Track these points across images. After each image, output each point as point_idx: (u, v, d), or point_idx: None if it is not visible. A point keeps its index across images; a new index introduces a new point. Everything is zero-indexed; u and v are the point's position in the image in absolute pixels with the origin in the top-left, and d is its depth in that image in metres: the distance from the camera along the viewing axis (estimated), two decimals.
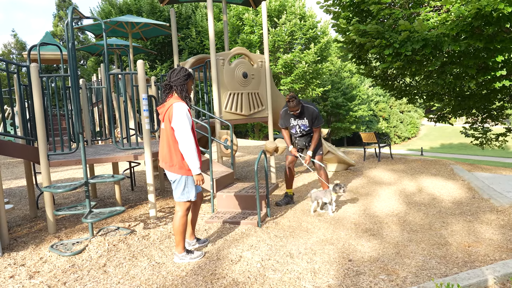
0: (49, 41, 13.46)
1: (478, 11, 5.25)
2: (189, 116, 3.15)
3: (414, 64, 6.74)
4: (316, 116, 4.90)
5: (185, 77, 3.23)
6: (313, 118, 4.91)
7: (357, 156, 9.54)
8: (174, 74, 3.22)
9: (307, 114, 4.92)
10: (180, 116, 3.08)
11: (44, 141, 4.11)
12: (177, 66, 3.41)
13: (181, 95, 3.20)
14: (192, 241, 3.63)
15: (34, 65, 4.02)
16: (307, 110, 4.91)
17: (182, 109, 3.10)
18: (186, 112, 3.12)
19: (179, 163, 3.18)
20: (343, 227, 4.22)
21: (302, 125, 5.00)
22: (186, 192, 3.24)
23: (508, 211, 4.45)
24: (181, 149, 3.13)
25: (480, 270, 2.89)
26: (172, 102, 3.13)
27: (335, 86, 29.24)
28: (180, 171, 3.19)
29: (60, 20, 32.75)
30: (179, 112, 3.09)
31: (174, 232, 3.32)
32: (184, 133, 3.09)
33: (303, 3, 21.96)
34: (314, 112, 4.89)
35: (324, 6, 7.61)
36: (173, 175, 3.23)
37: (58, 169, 9.26)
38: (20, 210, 5.41)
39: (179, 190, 3.24)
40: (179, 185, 3.23)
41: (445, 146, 33.81)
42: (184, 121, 3.09)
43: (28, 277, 3.11)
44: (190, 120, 3.15)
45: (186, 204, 3.29)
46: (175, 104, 3.11)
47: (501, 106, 8.97)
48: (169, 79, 3.24)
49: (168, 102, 3.17)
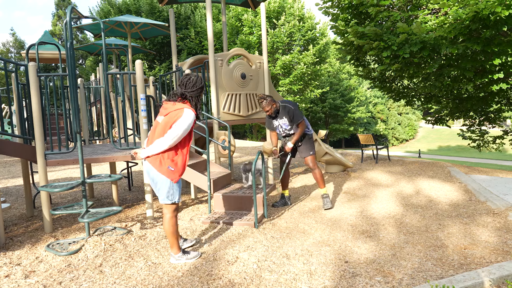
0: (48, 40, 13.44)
1: (476, 14, 5.28)
2: (191, 126, 3.15)
3: (412, 66, 6.77)
4: (293, 113, 4.85)
5: (200, 89, 3.24)
6: (290, 116, 4.86)
7: (354, 158, 9.56)
8: (191, 85, 3.20)
9: (284, 112, 4.89)
10: (184, 122, 3.08)
11: (41, 140, 4.10)
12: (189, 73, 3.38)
13: (194, 106, 3.23)
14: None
15: (32, 64, 4.01)
16: (283, 109, 4.89)
17: (190, 117, 3.11)
18: (192, 121, 3.13)
19: (169, 165, 3.14)
20: (340, 229, 4.23)
21: (283, 125, 4.98)
22: (170, 195, 3.21)
23: (504, 214, 4.47)
24: (159, 140, 3.09)
25: (475, 273, 2.90)
26: (184, 107, 3.13)
27: (333, 87, 29.29)
28: (168, 175, 3.14)
29: (59, 19, 32.70)
30: (186, 119, 3.09)
31: (166, 234, 3.31)
32: (174, 138, 3.07)
33: (302, 5, 22.00)
34: (290, 110, 4.84)
35: (323, 8, 7.64)
36: (159, 174, 3.15)
37: (55, 168, 9.24)
38: (16, 209, 5.39)
39: (163, 192, 3.19)
40: (163, 187, 3.18)
41: (442, 148, 33.91)
42: (184, 129, 3.09)
43: (23, 276, 3.11)
44: (189, 129, 3.15)
45: (173, 206, 3.26)
46: (187, 110, 3.12)
47: (498, 108, 9.01)
48: (184, 88, 3.20)
49: (180, 104, 3.15)
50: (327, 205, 4.96)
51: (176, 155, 3.17)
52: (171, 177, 3.15)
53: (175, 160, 3.16)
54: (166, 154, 3.13)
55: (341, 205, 5.26)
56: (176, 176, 3.17)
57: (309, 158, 5.03)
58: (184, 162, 3.21)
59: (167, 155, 3.13)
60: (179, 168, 3.18)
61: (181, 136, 3.10)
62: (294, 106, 4.89)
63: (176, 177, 3.17)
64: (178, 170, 3.18)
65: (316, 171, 5.03)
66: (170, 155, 3.14)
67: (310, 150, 5.04)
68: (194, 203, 5.47)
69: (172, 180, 3.16)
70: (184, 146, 3.22)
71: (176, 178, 3.17)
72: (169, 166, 3.13)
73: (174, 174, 3.16)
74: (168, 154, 3.13)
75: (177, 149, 3.17)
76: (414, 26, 5.82)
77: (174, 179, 3.17)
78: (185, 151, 3.22)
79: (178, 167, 3.18)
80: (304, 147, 5.06)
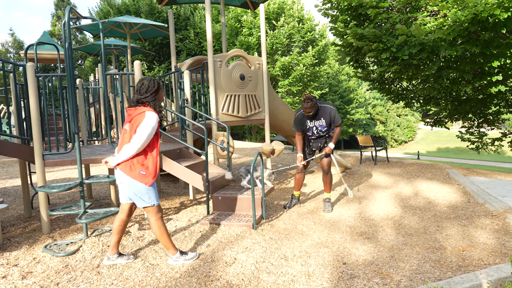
0: (46, 41, 13.43)
1: (475, 16, 5.29)
2: (156, 127, 3.13)
3: (411, 68, 6.78)
4: (334, 114, 4.83)
5: (156, 91, 3.20)
6: (331, 117, 4.83)
7: (353, 159, 9.56)
8: (144, 91, 3.17)
9: (324, 114, 4.83)
10: (147, 125, 3.06)
11: (39, 141, 4.09)
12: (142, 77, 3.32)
13: (155, 108, 3.19)
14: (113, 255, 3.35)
15: (30, 64, 4.01)
16: (323, 110, 4.82)
17: (153, 120, 3.09)
18: (156, 123, 3.11)
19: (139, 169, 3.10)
20: (338, 230, 4.22)
21: (319, 126, 4.91)
22: (148, 198, 3.17)
23: (502, 216, 4.47)
24: (126, 146, 3.06)
25: (474, 274, 2.90)
26: (146, 110, 3.12)
27: (332, 89, 29.31)
28: (140, 179, 3.10)
29: (58, 19, 32.69)
30: (149, 121, 3.07)
31: (157, 237, 3.27)
32: (140, 142, 3.04)
33: (301, 6, 22.02)
34: (332, 111, 4.81)
35: (322, 9, 7.65)
36: (131, 180, 3.11)
37: (53, 169, 9.22)
38: (14, 209, 5.38)
39: (140, 197, 3.15)
40: (139, 193, 3.13)
41: (441, 150, 33.94)
42: (148, 132, 3.06)
43: (20, 277, 3.09)
44: (154, 131, 3.12)
45: (154, 208, 3.21)
46: (149, 113, 3.10)
47: (497, 111, 9.02)
48: (139, 94, 3.18)
49: (141, 108, 3.14)
50: (327, 209, 4.97)
51: (146, 159, 3.13)
52: (144, 181, 3.11)
53: (146, 164, 3.12)
54: (136, 159, 3.10)
55: (340, 206, 5.25)
56: (149, 180, 3.13)
57: (327, 160, 5.02)
58: (155, 164, 3.17)
59: (137, 160, 3.10)
60: (150, 171, 3.14)
61: (147, 139, 3.08)
62: (334, 107, 4.87)
63: (149, 180, 3.13)
64: (150, 173, 3.13)
65: (329, 175, 5.03)
66: (139, 160, 3.11)
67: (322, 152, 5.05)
68: (192, 204, 5.46)
69: (146, 184, 3.11)
70: (153, 149, 3.18)
71: (150, 182, 3.13)
72: (140, 171, 3.09)
73: (147, 178, 3.12)
74: (137, 159, 3.10)
75: (146, 152, 3.14)
76: (413, 28, 5.82)
77: (148, 183, 3.12)
78: (155, 154, 3.18)
79: (150, 170, 3.14)
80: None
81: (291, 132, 7.76)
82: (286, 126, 7.63)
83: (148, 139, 3.09)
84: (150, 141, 3.16)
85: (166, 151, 5.06)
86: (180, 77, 5.93)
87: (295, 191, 5.27)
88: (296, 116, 4.93)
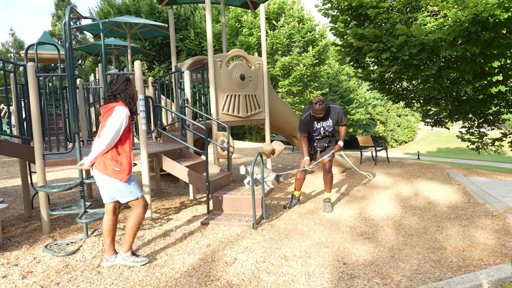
0: (47, 41, 13.43)
1: (475, 16, 5.29)
2: (126, 121, 3.10)
3: (411, 68, 6.78)
4: (342, 114, 4.91)
5: (124, 82, 3.19)
6: (339, 117, 4.89)
7: (353, 159, 9.56)
8: (114, 83, 3.19)
9: (332, 114, 4.88)
10: (116, 119, 3.05)
11: (40, 141, 4.10)
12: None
13: (126, 101, 3.18)
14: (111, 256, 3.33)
15: (31, 64, 4.01)
16: (333, 110, 4.88)
17: (122, 113, 3.07)
18: (125, 117, 3.08)
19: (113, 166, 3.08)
20: (338, 230, 4.22)
21: (326, 126, 4.93)
22: (130, 192, 3.16)
23: (503, 216, 4.47)
24: (97, 142, 3.04)
25: (474, 275, 2.90)
26: (116, 104, 3.11)
27: (333, 89, 29.30)
28: (115, 176, 3.08)
29: (58, 19, 32.69)
30: (118, 115, 3.06)
31: (127, 229, 3.24)
32: (109, 136, 3.01)
33: (301, 6, 22.01)
34: (340, 111, 4.89)
35: (322, 9, 7.65)
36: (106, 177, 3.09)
37: (53, 168, 9.23)
38: (14, 209, 5.38)
39: (121, 193, 3.14)
40: (118, 189, 3.12)
41: (441, 150, 33.92)
42: (117, 126, 3.04)
43: (21, 277, 3.10)
44: (125, 124, 3.09)
45: (140, 201, 3.21)
46: (117, 107, 3.09)
47: (497, 111, 9.02)
48: (111, 91, 3.19)
49: (111, 104, 3.14)
50: (328, 209, 4.97)
51: (119, 155, 3.12)
52: (119, 177, 3.09)
53: (119, 160, 3.10)
54: (109, 156, 3.08)
55: (340, 206, 5.25)
56: (124, 176, 3.11)
57: (327, 159, 5.04)
58: (129, 160, 3.15)
59: (110, 157, 3.08)
60: (125, 167, 3.12)
61: (116, 133, 3.05)
62: (340, 107, 4.94)
63: (124, 176, 3.10)
64: (124, 169, 3.11)
65: (331, 174, 5.05)
66: (113, 156, 3.09)
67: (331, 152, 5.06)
68: (192, 204, 5.46)
69: (121, 180, 3.09)
70: (126, 144, 3.16)
71: (125, 178, 3.11)
72: (114, 167, 3.07)
73: (122, 174, 3.10)
74: (110, 156, 3.08)
75: (118, 148, 3.12)
76: (414, 28, 5.82)
77: (123, 179, 3.10)
78: (127, 149, 3.16)
79: (124, 166, 3.11)
80: (331, 148, 5.07)
81: (291, 132, 7.76)
82: (286, 126, 7.63)
83: (117, 133, 3.05)
84: (122, 136, 3.13)
85: (167, 151, 5.06)
86: (181, 77, 5.93)
87: (296, 191, 5.28)
88: (303, 118, 4.89)
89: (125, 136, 3.16)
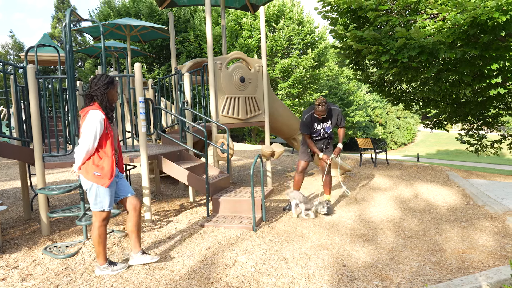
0: (47, 43, 13.43)
1: (474, 19, 5.31)
2: (102, 125, 3.00)
3: (411, 70, 6.79)
4: (342, 116, 4.99)
5: (105, 85, 3.07)
6: (338, 118, 4.96)
7: (353, 162, 9.56)
8: (94, 83, 3.08)
9: (333, 115, 4.96)
10: (90, 123, 2.96)
11: (39, 143, 4.10)
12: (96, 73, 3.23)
13: (102, 104, 3.08)
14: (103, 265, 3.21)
15: (31, 66, 4.02)
16: (334, 112, 4.96)
17: (96, 117, 2.97)
18: (100, 121, 2.98)
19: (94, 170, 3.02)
20: (338, 232, 4.22)
21: (326, 128, 5.00)
22: (99, 202, 3.06)
23: (502, 218, 4.47)
24: (76, 150, 2.98)
25: (473, 277, 2.90)
26: (89, 109, 3.02)
27: (332, 91, 29.34)
28: (96, 180, 3.01)
29: (58, 21, 32.72)
30: (91, 119, 2.96)
31: (93, 243, 3.19)
32: (85, 142, 2.95)
33: (301, 9, 22.06)
34: (340, 113, 4.98)
35: (322, 12, 7.66)
36: (87, 182, 3.04)
37: (53, 171, 9.22)
38: (14, 212, 5.37)
39: (92, 199, 3.08)
40: (91, 194, 3.06)
41: (441, 152, 33.94)
42: (92, 131, 2.95)
43: (20, 279, 3.09)
44: (101, 129, 3.00)
45: (102, 214, 3.11)
46: (91, 111, 2.99)
47: (496, 113, 9.03)
48: (90, 89, 3.08)
49: (86, 109, 3.04)
50: (328, 211, 4.98)
51: (101, 159, 3.03)
52: (99, 182, 3.01)
53: (100, 164, 3.02)
54: (91, 161, 3.01)
55: (340, 208, 5.25)
56: (106, 181, 3.02)
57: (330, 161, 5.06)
58: (111, 164, 3.05)
59: (92, 161, 3.01)
60: (106, 172, 3.03)
61: (93, 139, 2.96)
62: (340, 109, 5.01)
63: (105, 182, 3.02)
64: (105, 174, 3.02)
65: (330, 176, 5.10)
66: (95, 161, 3.02)
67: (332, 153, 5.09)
68: (192, 206, 5.46)
69: (102, 185, 3.01)
70: (107, 148, 3.06)
71: (106, 183, 3.02)
72: (94, 172, 3.00)
73: (103, 179, 3.02)
74: (92, 160, 3.02)
75: (99, 152, 3.04)
76: (413, 30, 5.84)
77: (104, 183, 3.02)
78: (109, 153, 3.06)
79: (105, 171, 3.02)
80: (330, 149, 5.13)
81: (290, 134, 7.76)
82: (285, 128, 7.64)
83: (94, 138, 2.97)
84: (102, 141, 3.04)
85: (166, 153, 5.06)
86: (180, 79, 5.94)
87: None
88: (304, 119, 4.94)
89: (105, 139, 3.05)
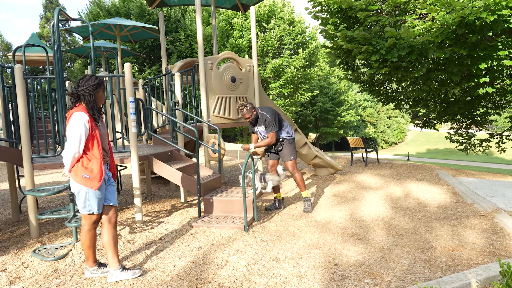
0: (35, 43, 13.25)
1: (462, 19, 5.37)
2: (87, 127, 2.91)
3: (400, 70, 6.85)
4: (268, 123, 4.87)
5: (93, 86, 2.99)
6: (265, 124, 4.92)
7: (344, 161, 9.61)
8: (82, 83, 3.00)
9: (261, 121, 4.96)
10: (74, 126, 2.88)
11: (28, 144, 4.04)
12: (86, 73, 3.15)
13: (88, 106, 3.00)
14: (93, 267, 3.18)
15: (18, 66, 3.96)
16: (261, 117, 4.96)
17: (80, 119, 2.89)
18: (84, 123, 2.89)
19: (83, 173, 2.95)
20: (329, 232, 4.24)
21: (262, 131, 5.06)
22: (88, 205, 2.98)
23: (491, 216, 4.53)
24: (63, 154, 2.93)
25: (463, 274, 2.93)
26: (74, 111, 2.94)
27: (323, 91, 29.45)
28: (85, 183, 2.94)
29: (47, 21, 32.31)
30: (75, 121, 2.89)
31: (82, 247, 3.13)
32: (70, 145, 2.88)
33: (292, 9, 22.11)
34: (267, 119, 4.88)
35: (312, 12, 7.69)
36: (76, 184, 2.98)
37: (42, 172, 9.10)
38: (2, 214, 5.29)
39: (80, 202, 3.00)
40: (80, 197, 2.99)
41: (431, 151, 34.30)
42: (76, 131, 2.87)
43: (8, 282, 3.04)
44: (86, 131, 2.91)
45: (92, 217, 3.03)
46: (75, 113, 2.91)
47: (485, 112, 9.16)
48: (77, 88, 3.01)
49: (71, 111, 2.96)
50: (307, 209, 5.04)
51: (90, 161, 2.96)
52: (89, 185, 2.93)
53: (89, 167, 2.95)
54: (79, 163, 2.95)
55: (331, 208, 5.28)
56: (95, 184, 2.94)
57: (289, 163, 5.09)
58: (100, 166, 2.98)
59: (81, 163, 2.95)
60: (95, 174, 2.95)
61: (79, 141, 2.89)
62: (271, 116, 4.86)
63: (94, 184, 2.94)
64: (94, 176, 2.94)
65: (296, 175, 5.09)
66: (84, 163, 2.95)
67: (291, 155, 5.08)
68: (183, 207, 5.44)
69: (91, 187, 2.94)
70: (95, 150, 2.98)
71: (96, 185, 2.94)
72: (83, 174, 2.93)
73: (92, 181, 2.94)
74: (81, 163, 2.95)
75: (87, 154, 2.96)
76: (402, 30, 5.89)
77: (94, 186, 2.94)
78: (97, 155, 2.97)
79: (94, 173, 2.94)
80: (285, 152, 5.10)
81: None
82: None
83: (79, 141, 2.89)
84: (88, 142, 2.96)
85: (157, 154, 5.03)
86: (171, 79, 5.91)
87: (275, 193, 5.31)
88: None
89: (91, 141, 2.97)
